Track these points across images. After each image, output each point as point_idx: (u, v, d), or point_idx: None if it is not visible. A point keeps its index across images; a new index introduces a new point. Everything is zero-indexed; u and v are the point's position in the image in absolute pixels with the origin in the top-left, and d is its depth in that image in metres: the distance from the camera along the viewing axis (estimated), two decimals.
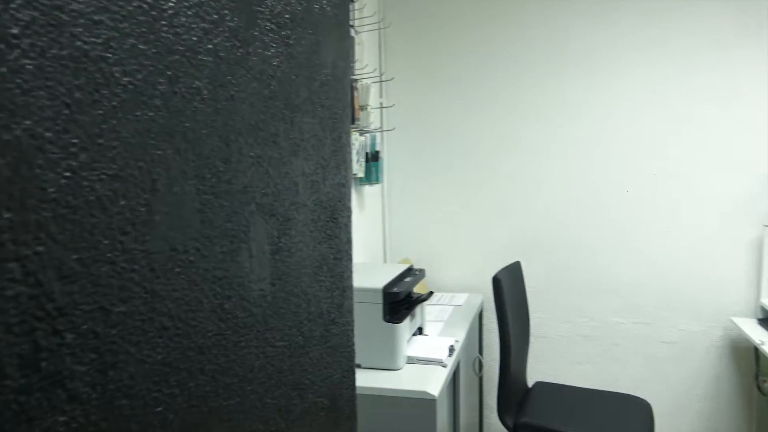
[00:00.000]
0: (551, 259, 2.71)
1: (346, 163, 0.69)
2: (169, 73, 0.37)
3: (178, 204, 0.38)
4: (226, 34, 0.43)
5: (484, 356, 2.81)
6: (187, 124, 0.39)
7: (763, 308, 2.43)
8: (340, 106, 0.66)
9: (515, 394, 2.22)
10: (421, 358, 1.83)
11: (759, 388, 2.47)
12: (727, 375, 2.57)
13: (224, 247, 0.44)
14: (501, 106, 2.70)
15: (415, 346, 1.92)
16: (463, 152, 2.77)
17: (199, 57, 0.40)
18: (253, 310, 0.49)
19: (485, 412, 2.82)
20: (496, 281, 2.09)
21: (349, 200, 0.73)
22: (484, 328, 2.79)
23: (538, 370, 2.78)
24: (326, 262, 0.67)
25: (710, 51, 2.46)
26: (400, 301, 1.87)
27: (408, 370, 1.79)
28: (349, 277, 0.76)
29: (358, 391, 1.69)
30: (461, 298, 2.66)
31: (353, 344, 0.80)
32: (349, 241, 0.74)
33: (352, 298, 0.78)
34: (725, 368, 2.57)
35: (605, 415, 2.12)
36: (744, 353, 2.53)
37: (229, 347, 0.46)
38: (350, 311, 0.77)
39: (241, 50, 0.45)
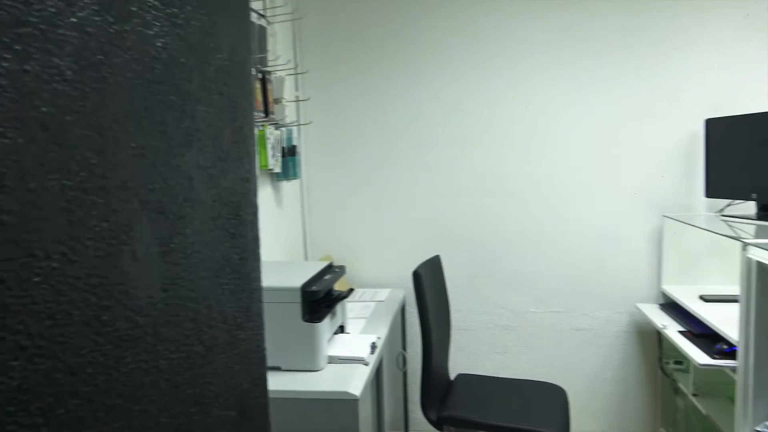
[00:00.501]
0: (470, 252, 2.75)
1: (249, 155, 0.64)
2: (17, 47, 0.31)
3: (35, 202, 0.33)
4: (94, 8, 0.37)
5: (407, 351, 2.82)
6: (44, 109, 0.33)
7: (664, 294, 2.57)
8: (241, 95, 0.62)
9: (438, 387, 2.23)
10: (343, 357, 1.80)
11: (662, 369, 2.61)
12: (633, 358, 2.71)
13: (100, 250, 0.39)
14: (419, 100, 2.71)
15: (337, 345, 1.88)
16: (382, 146, 2.76)
17: (59, 32, 0.34)
18: (140, 320, 0.44)
19: (410, 407, 2.83)
20: (417, 276, 2.08)
21: (255, 195, 0.68)
22: (407, 323, 2.80)
23: (460, 362, 2.82)
24: (230, 263, 0.62)
25: (609, 47, 2.57)
26: (320, 300, 1.83)
27: (330, 370, 1.75)
28: (257, 278, 0.71)
29: (278, 395, 1.64)
30: (383, 294, 2.65)
31: (264, 349, 0.75)
32: (256, 240, 0.69)
33: (261, 300, 0.73)
34: (632, 352, 2.70)
35: (524, 403, 2.17)
36: (648, 337, 2.67)
37: (110, 364, 0.40)
38: (260, 314, 0.73)
39: (114, 27, 0.39)
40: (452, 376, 2.48)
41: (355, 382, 1.66)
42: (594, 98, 2.61)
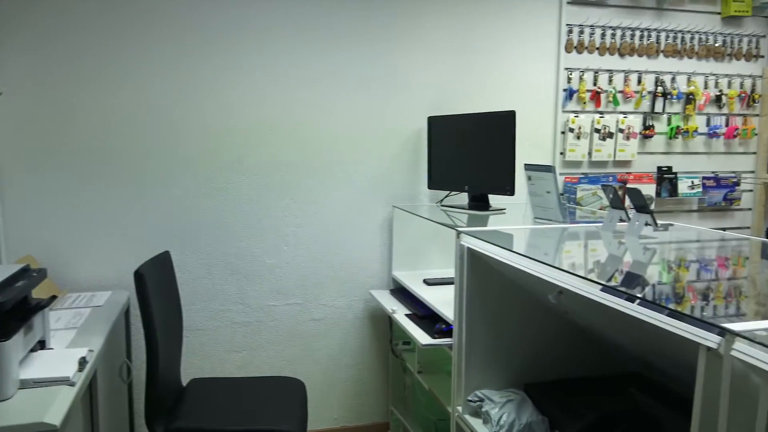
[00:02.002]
0: (204, 246, 2.57)
1: None
2: None
3: None
4: None
5: (133, 360, 2.52)
6: None
7: (394, 280, 2.73)
8: None
9: (167, 397, 2.02)
10: (41, 380, 1.49)
11: (393, 351, 2.78)
12: (368, 343, 2.83)
13: None
14: (134, 86, 2.42)
15: (34, 365, 1.56)
16: (91, 139, 2.40)
17: None
18: None
19: (137, 422, 2.54)
20: (139, 276, 1.84)
21: None
22: (133, 328, 2.50)
23: (195, 365, 2.63)
24: None
25: (349, 47, 2.63)
26: (9, 312, 1.49)
27: (21, 397, 1.43)
28: None
29: None
30: (102, 298, 2.32)
31: None
32: None
33: None
34: (367, 337, 2.82)
35: (261, 401, 2.09)
36: (381, 322, 2.82)
37: None
38: None
39: None
40: (185, 382, 2.28)
41: (55, 407, 1.38)
42: (334, 94, 2.63)
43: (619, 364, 1.96)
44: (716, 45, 3.04)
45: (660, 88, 2.96)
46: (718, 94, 3.06)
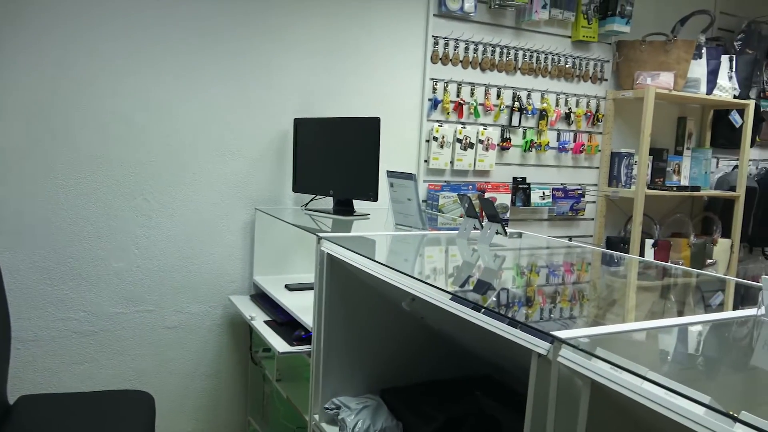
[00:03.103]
0: (41, 249, 2.32)
1: None
2: None
3: None
4: None
5: None
6: None
7: (255, 285, 2.64)
8: None
9: None
10: None
11: (253, 359, 2.69)
12: (227, 351, 2.71)
13: None
14: None
15: None
16: None
17: None
18: None
19: None
20: None
21: None
22: None
23: (29, 380, 2.36)
24: None
25: (213, 44, 2.51)
26: None
27: None
28: None
29: None
30: None
31: None
32: None
33: None
34: (226, 345, 2.70)
35: (99, 419, 1.92)
36: (241, 329, 2.71)
37: None
38: None
39: None
40: (13, 399, 2.04)
41: None
42: (195, 90, 2.49)
43: (472, 367, 2.04)
44: (567, 66, 3.29)
45: (517, 103, 3.14)
46: (568, 111, 3.31)
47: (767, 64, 3.95)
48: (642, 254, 3.38)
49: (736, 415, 0.74)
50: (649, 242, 3.43)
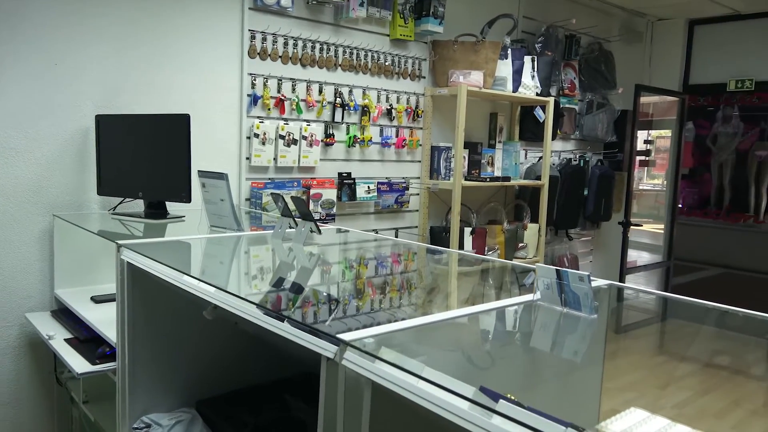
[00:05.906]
0: None
1: None
2: None
3: None
4: None
5: None
6: None
7: (57, 299, 2.39)
8: None
9: None
10: None
11: (58, 380, 2.43)
12: (27, 375, 2.42)
13: None
14: None
15: None
16: None
17: None
18: None
19: None
20: None
21: None
22: None
23: None
24: None
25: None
26: None
27: None
28: None
29: None
30: None
31: None
32: None
33: None
34: (25, 368, 2.42)
35: None
36: (42, 348, 2.44)
37: None
38: None
39: None
40: None
41: None
42: None
43: (292, 368, 2.02)
44: (386, 63, 3.38)
45: (339, 100, 3.17)
46: (389, 108, 3.41)
47: (564, 65, 4.41)
48: (462, 242, 3.61)
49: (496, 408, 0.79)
50: (467, 230, 3.67)
